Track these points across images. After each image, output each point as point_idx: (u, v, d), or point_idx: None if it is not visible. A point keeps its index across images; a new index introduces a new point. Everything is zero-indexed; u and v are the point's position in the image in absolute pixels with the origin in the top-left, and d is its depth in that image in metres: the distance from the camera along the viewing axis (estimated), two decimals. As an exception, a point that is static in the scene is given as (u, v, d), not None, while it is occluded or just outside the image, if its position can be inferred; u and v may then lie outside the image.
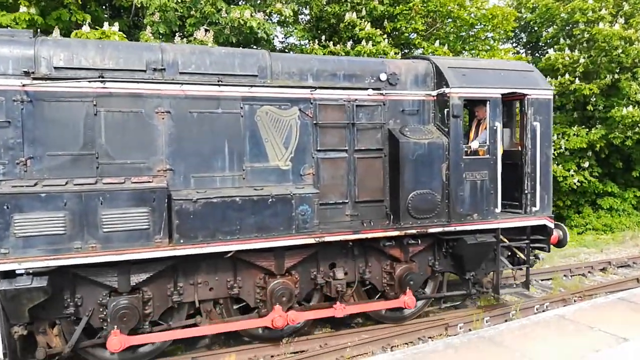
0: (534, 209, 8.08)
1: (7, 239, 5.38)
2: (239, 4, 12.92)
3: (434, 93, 7.74)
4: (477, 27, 16.18)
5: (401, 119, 7.62)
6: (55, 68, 5.98)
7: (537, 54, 20.84)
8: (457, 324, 7.84)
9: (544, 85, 8.30)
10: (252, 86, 6.78)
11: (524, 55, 20.52)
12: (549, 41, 18.76)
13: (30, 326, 5.97)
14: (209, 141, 6.62)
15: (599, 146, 16.21)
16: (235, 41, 11.31)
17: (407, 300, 7.49)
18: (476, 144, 7.82)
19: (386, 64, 7.71)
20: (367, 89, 7.38)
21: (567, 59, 16.24)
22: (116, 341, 5.94)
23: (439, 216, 7.41)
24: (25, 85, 5.82)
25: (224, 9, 11.08)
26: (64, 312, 6.01)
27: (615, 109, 15.84)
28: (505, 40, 19.56)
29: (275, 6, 12.04)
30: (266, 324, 6.78)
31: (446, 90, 7.50)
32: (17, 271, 5.45)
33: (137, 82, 6.26)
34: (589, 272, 11.62)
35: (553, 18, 17.94)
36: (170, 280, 6.46)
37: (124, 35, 10.05)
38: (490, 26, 15.99)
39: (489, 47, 16.61)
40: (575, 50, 16.59)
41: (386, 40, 13.56)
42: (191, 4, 11.18)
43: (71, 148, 6.03)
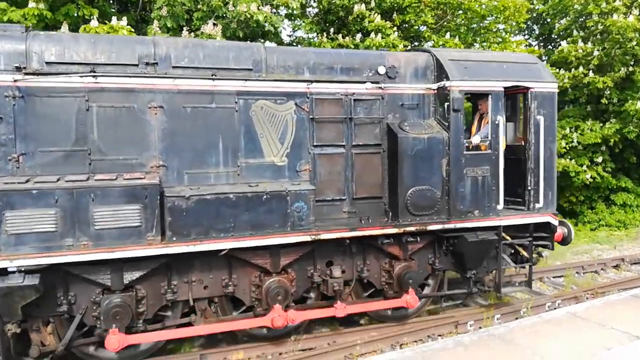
0: (537, 205, 7.87)
1: None
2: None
3: (434, 86, 7.54)
4: (488, 19, 15.87)
5: (400, 113, 7.43)
6: (47, 63, 5.93)
7: (549, 46, 20.48)
8: (467, 321, 7.72)
9: (548, 78, 8.05)
10: (247, 80, 6.65)
11: (537, 47, 20.14)
12: (561, 33, 18.47)
13: (23, 324, 5.95)
14: (203, 136, 6.52)
15: (612, 141, 15.84)
16: (242, 35, 11.17)
17: (409, 300, 7.31)
18: (477, 139, 7.61)
19: (385, 56, 7.52)
20: (365, 82, 7.19)
21: (580, 52, 15.89)
22: (115, 340, 5.89)
23: (438, 213, 7.22)
24: (16, 81, 5.78)
25: (231, 2, 10.95)
26: (57, 310, 5.98)
27: (630, 102, 15.47)
28: (517, 32, 19.22)
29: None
30: (266, 323, 6.68)
31: (447, 84, 7.30)
32: (9, 269, 5.43)
33: (130, 76, 6.19)
34: (601, 269, 11.40)
35: (566, 9, 17.64)
36: (164, 278, 6.39)
37: (132, 30, 10.02)
38: (502, 18, 15.70)
39: (500, 40, 16.28)
40: (589, 42, 16.22)
41: (396, 33, 13.31)
42: (198, -3, 11.08)
43: (63, 144, 5.98)
